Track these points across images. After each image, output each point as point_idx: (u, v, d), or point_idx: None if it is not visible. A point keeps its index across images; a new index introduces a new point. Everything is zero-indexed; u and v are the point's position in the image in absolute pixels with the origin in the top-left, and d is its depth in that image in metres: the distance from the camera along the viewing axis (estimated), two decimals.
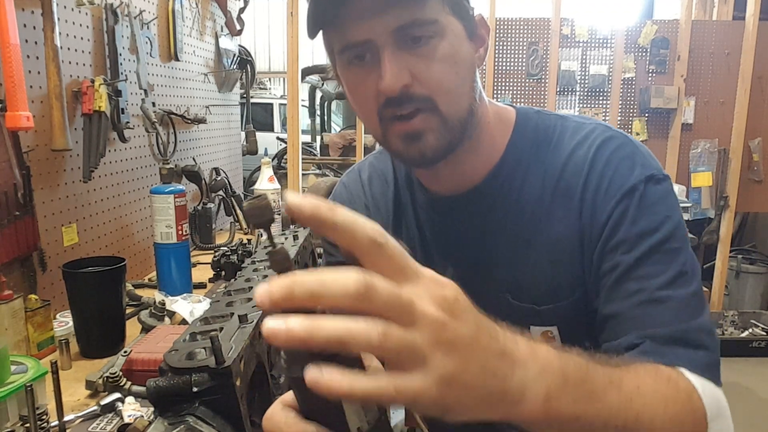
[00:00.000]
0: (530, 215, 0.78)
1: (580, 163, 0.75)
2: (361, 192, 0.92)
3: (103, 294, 1.15)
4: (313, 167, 4.73)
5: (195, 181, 2.07)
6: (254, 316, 0.77)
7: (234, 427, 0.63)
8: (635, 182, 0.71)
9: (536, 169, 0.78)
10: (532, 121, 0.82)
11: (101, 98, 1.41)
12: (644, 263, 0.69)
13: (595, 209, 0.73)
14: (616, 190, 0.72)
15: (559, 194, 0.76)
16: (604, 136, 0.76)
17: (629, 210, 0.71)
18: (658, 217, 0.70)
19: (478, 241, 0.82)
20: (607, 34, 3.48)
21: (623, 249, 0.71)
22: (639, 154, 0.75)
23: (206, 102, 2.30)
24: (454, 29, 0.70)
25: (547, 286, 0.78)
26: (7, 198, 1.15)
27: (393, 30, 0.66)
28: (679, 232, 0.71)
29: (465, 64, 0.71)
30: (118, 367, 1.00)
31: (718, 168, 3.54)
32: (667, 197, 0.72)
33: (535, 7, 4.28)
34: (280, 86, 12.38)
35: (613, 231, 0.71)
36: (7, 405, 0.83)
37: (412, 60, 0.68)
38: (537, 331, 0.80)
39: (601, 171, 0.73)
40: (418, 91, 0.69)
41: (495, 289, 0.81)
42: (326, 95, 6.33)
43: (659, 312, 0.67)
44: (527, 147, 0.80)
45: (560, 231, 0.76)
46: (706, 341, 0.66)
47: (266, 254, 0.39)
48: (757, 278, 3.92)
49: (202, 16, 2.22)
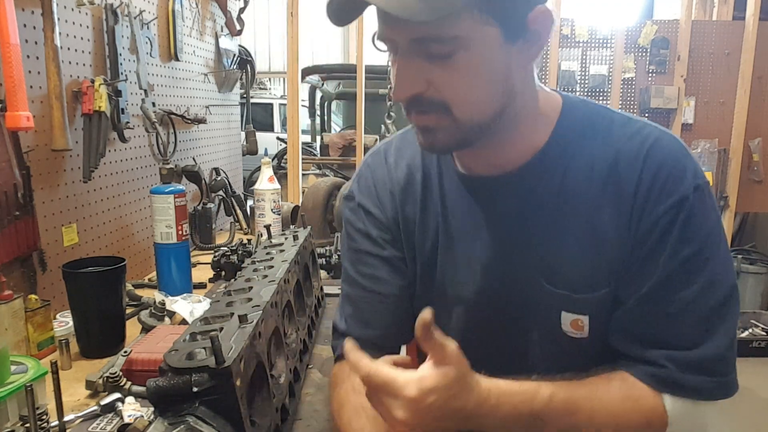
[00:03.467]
0: (574, 203, 0.78)
1: (633, 157, 0.75)
2: (386, 177, 0.92)
3: (103, 294, 1.15)
4: (313, 167, 4.72)
5: (195, 181, 2.07)
6: (254, 316, 0.77)
7: (234, 427, 0.63)
8: (686, 192, 0.73)
9: (582, 157, 0.78)
10: (578, 109, 0.82)
11: (101, 98, 1.41)
12: (677, 275, 0.73)
13: (644, 210, 0.74)
14: (668, 196, 0.73)
15: (611, 186, 0.76)
16: (657, 133, 0.77)
17: (677, 221, 0.73)
18: (700, 231, 0.74)
19: (514, 223, 0.81)
20: (607, 34, 3.48)
21: (663, 259, 0.74)
22: (689, 158, 0.75)
23: (206, 102, 2.30)
24: (484, 38, 0.67)
25: (586, 275, 0.78)
26: (7, 198, 1.15)
27: (411, 39, 0.67)
28: (712, 239, 0.74)
29: (492, 73, 0.70)
30: (118, 367, 1.00)
31: (718, 168, 3.54)
32: (710, 207, 0.75)
33: None
34: (280, 86, 12.38)
35: (658, 237, 0.74)
36: (7, 405, 0.83)
37: (430, 68, 0.68)
38: (567, 318, 0.80)
39: (656, 171, 0.74)
40: (433, 95, 0.69)
41: (528, 272, 0.81)
42: (326, 95, 6.32)
43: (679, 328, 0.74)
44: (573, 135, 0.79)
45: (608, 222, 0.76)
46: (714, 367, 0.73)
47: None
48: (757, 278, 3.92)
49: (202, 16, 2.22)
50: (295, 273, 1.13)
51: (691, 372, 0.73)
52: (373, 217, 0.91)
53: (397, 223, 0.90)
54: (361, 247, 0.92)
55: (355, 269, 0.92)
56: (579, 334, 0.80)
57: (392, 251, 0.91)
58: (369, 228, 0.91)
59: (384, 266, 0.90)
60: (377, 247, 0.91)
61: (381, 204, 0.91)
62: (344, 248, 0.96)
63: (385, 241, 0.91)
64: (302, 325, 1.13)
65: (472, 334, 0.86)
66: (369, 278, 0.91)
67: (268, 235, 1.33)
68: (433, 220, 0.88)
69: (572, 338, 0.80)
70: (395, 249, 0.91)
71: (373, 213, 0.91)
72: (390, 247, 0.91)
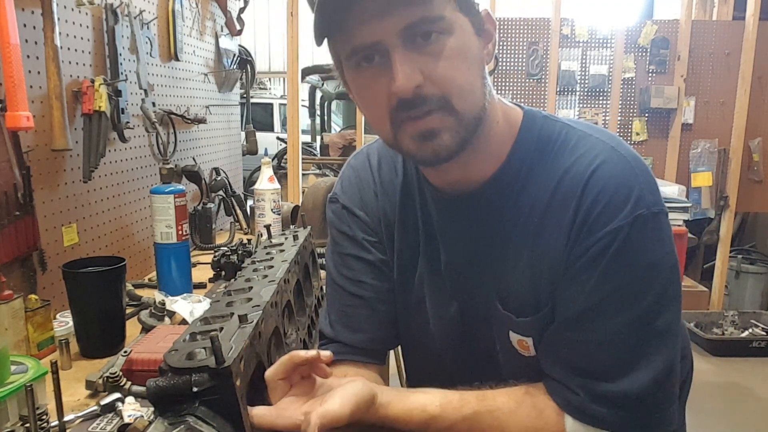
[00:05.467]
0: (524, 223, 0.77)
1: (576, 181, 0.73)
2: (370, 178, 0.92)
3: (103, 294, 1.15)
4: (313, 167, 4.73)
5: (195, 181, 2.07)
6: (254, 316, 0.77)
7: (234, 427, 0.63)
8: (622, 222, 0.69)
9: (536, 177, 0.77)
10: (537, 125, 0.80)
11: (101, 98, 1.41)
12: (603, 306, 0.72)
13: (579, 235, 0.72)
14: (603, 225, 0.70)
15: (553, 208, 0.74)
16: (604, 156, 0.73)
17: (609, 250, 0.70)
18: (634, 263, 0.70)
19: (474, 243, 0.82)
20: (607, 34, 3.48)
21: (589, 286, 0.72)
22: (638, 184, 0.71)
23: (206, 102, 2.30)
24: (462, 25, 0.69)
25: (529, 297, 0.77)
26: (7, 198, 1.15)
27: (401, 30, 0.66)
28: (649, 274, 0.71)
29: (475, 60, 0.71)
30: (118, 367, 1.00)
31: (718, 168, 3.55)
32: (653, 238, 0.71)
33: (535, 7, 4.28)
34: (280, 86, 12.38)
35: (586, 264, 0.72)
36: (7, 405, 0.83)
37: (422, 60, 0.67)
38: (515, 337, 0.81)
39: (595, 197, 0.71)
40: (431, 91, 0.68)
41: (484, 291, 0.82)
42: (326, 95, 6.33)
43: (598, 359, 0.73)
44: (530, 153, 0.78)
45: (549, 245, 0.75)
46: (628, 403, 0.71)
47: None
48: (757, 278, 3.92)
49: (202, 16, 2.22)
50: (295, 273, 1.13)
51: (602, 404, 0.72)
52: (358, 219, 0.91)
53: (380, 225, 0.90)
54: (345, 250, 0.92)
55: (339, 273, 0.92)
56: (527, 353, 0.80)
57: (377, 254, 0.90)
58: (354, 230, 0.91)
59: (369, 270, 0.90)
60: (362, 250, 0.90)
61: (365, 206, 0.91)
62: (328, 252, 0.96)
63: (370, 244, 0.90)
64: (302, 325, 1.13)
65: (449, 344, 0.89)
66: (353, 282, 0.90)
67: (268, 235, 1.33)
68: (413, 226, 0.88)
69: (522, 356, 0.81)
70: (380, 252, 0.91)
71: (357, 215, 0.91)
72: (375, 250, 0.90)
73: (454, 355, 0.89)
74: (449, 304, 0.86)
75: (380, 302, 0.90)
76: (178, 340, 0.70)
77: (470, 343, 0.87)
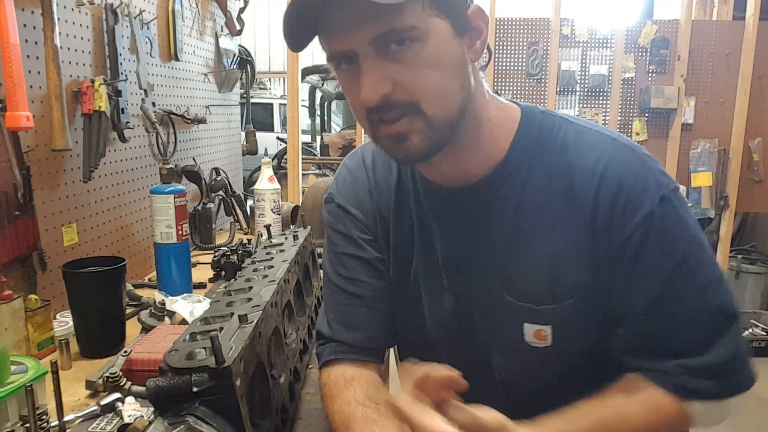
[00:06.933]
0: (533, 216, 0.78)
1: (589, 174, 0.76)
2: (365, 177, 0.92)
3: (103, 294, 1.15)
4: (313, 167, 4.73)
5: (195, 181, 2.07)
6: (254, 316, 0.77)
7: (234, 427, 0.63)
8: (651, 206, 0.73)
9: (540, 170, 0.79)
10: (536, 121, 0.81)
11: (101, 98, 1.41)
12: (669, 288, 0.74)
13: (612, 229, 0.74)
14: (633, 213, 0.73)
15: (569, 200, 0.76)
16: (610, 149, 0.77)
17: (650, 236, 0.73)
18: (679, 239, 0.74)
19: (475, 235, 0.82)
20: (607, 34, 3.48)
21: (649, 275, 0.74)
22: (649, 168, 0.76)
23: (206, 102, 2.30)
24: (437, 31, 0.69)
25: (547, 286, 0.78)
26: (7, 198, 1.15)
27: (371, 40, 0.67)
28: (694, 244, 0.75)
29: (451, 65, 0.71)
30: (118, 367, 1.00)
31: (718, 168, 3.54)
32: (683, 213, 0.75)
33: (535, 7, 4.28)
34: (280, 86, 12.39)
35: (633, 254, 0.74)
36: (7, 405, 0.83)
37: (394, 67, 0.68)
38: (530, 329, 0.81)
39: (616, 191, 0.74)
40: (401, 97, 0.69)
41: (489, 284, 0.82)
42: (326, 95, 6.33)
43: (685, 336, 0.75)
44: (531, 147, 0.80)
45: (567, 235, 0.77)
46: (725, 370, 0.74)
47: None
48: (757, 278, 3.92)
49: (202, 16, 2.22)
50: (295, 273, 1.13)
51: (704, 377, 0.74)
52: (353, 217, 0.91)
53: (376, 223, 0.91)
54: (341, 249, 0.92)
55: (336, 272, 0.92)
56: (542, 344, 0.81)
57: (373, 252, 0.91)
58: (350, 229, 0.91)
59: (365, 269, 0.90)
60: (358, 248, 0.91)
61: (360, 204, 0.92)
62: (325, 252, 0.96)
63: (366, 242, 0.91)
64: (302, 325, 1.13)
65: (443, 342, 0.89)
66: (350, 281, 0.91)
67: (268, 235, 1.33)
68: (408, 223, 0.88)
69: (534, 347, 0.81)
70: (376, 250, 0.91)
71: (353, 213, 0.92)
72: (371, 248, 0.91)
73: (448, 354, 0.89)
74: (445, 299, 0.87)
75: (377, 300, 0.90)
76: (178, 340, 0.70)
77: (464, 340, 0.87)
